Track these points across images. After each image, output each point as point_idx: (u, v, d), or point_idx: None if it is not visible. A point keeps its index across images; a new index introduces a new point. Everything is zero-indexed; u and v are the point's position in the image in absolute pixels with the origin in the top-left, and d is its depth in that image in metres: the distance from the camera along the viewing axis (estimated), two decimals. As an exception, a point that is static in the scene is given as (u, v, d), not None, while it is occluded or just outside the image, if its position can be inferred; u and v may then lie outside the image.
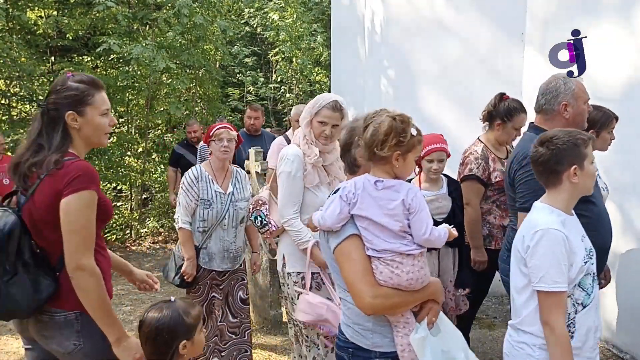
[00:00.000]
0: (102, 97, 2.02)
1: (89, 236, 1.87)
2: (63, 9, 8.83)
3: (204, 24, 8.66)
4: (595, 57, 3.98)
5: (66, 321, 1.92)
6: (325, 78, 11.97)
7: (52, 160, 1.86)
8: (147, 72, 8.67)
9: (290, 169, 2.73)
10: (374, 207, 1.74)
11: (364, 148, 1.78)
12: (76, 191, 1.83)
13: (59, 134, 1.92)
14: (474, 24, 4.79)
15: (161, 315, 1.79)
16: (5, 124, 8.26)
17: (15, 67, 7.84)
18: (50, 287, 1.89)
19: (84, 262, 1.84)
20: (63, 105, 1.93)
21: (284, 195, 2.76)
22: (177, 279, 3.33)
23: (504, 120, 3.33)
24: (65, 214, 1.83)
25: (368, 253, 1.75)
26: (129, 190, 10.10)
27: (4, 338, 4.36)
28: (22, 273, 1.87)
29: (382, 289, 1.72)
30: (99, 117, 1.99)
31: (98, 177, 1.91)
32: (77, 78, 1.98)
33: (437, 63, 5.00)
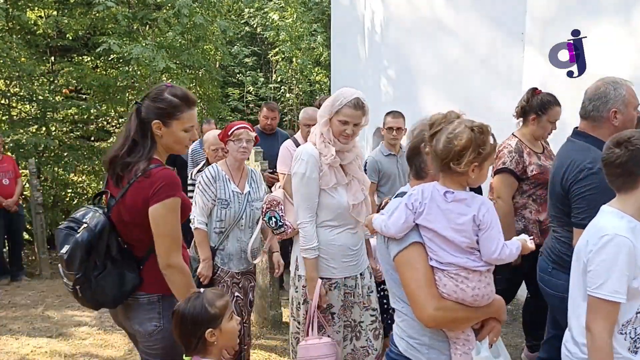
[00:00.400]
0: (191, 114, 2.11)
1: (177, 238, 2.06)
2: (63, 9, 8.83)
3: (203, 24, 8.67)
4: (595, 57, 3.98)
5: (149, 303, 2.11)
6: (325, 78, 11.97)
7: (140, 167, 2.03)
8: (147, 72, 8.66)
9: (304, 169, 2.60)
10: (441, 219, 1.63)
11: (435, 159, 1.64)
12: (162, 200, 2.00)
13: (149, 137, 2.08)
14: (473, 24, 4.79)
15: (187, 306, 1.91)
16: (5, 124, 8.26)
17: (15, 67, 7.84)
18: (135, 280, 2.08)
19: (173, 261, 2.03)
20: (153, 113, 2.06)
21: (298, 198, 2.65)
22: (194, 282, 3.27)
23: (539, 114, 3.28)
24: (154, 221, 2.01)
25: (432, 264, 1.65)
26: (129, 190, 10.10)
27: (4, 338, 4.36)
28: (111, 268, 2.06)
29: (445, 302, 1.63)
30: (181, 132, 2.09)
31: (180, 183, 2.07)
32: (173, 91, 2.09)
33: (437, 63, 5.01)
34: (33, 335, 4.41)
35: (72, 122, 9.39)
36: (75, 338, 4.36)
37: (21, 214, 6.53)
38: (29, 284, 6.13)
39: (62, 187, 8.89)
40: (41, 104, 8.52)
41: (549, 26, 4.25)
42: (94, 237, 2.02)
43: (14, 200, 6.21)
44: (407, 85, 5.21)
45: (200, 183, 3.21)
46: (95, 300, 2.10)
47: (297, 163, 2.63)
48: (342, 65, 6.85)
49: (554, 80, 4.18)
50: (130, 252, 2.12)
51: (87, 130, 9.78)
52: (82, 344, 4.23)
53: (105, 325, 4.66)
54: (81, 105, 8.60)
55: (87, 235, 2.01)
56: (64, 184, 8.94)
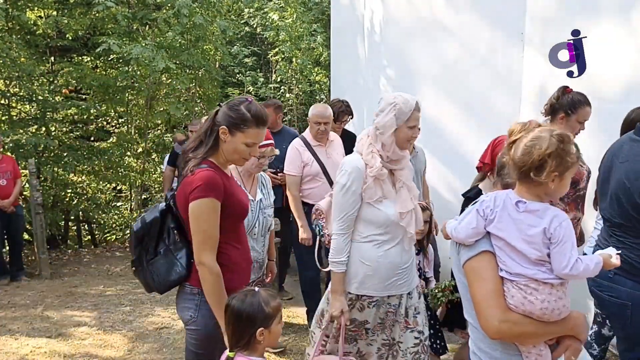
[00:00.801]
0: (257, 132, 2.21)
1: (210, 237, 2.14)
2: (63, 9, 8.83)
3: (203, 24, 8.66)
4: (595, 57, 3.98)
5: (190, 293, 2.25)
6: (325, 78, 11.95)
7: (191, 165, 2.18)
8: (146, 72, 8.66)
9: (345, 181, 2.50)
10: (511, 229, 1.58)
11: (513, 168, 1.60)
12: (196, 199, 2.11)
13: (213, 139, 2.21)
14: (473, 24, 4.78)
15: (244, 303, 1.96)
16: (4, 124, 8.25)
17: (15, 67, 7.83)
18: (182, 273, 2.23)
19: (204, 259, 2.13)
20: (224, 119, 2.19)
21: (334, 209, 2.58)
22: None
23: (568, 113, 3.18)
24: (190, 217, 2.14)
25: (501, 274, 1.60)
26: (129, 190, 10.10)
27: (3, 338, 4.36)
28: (162, 256, 2.26)
29: (512, 315, 1.58)
30: (242, 145, 2.20)
31: (219, 185, 2.15)
32: (248, 106, 2.20)
33: (437, 63, 5.00)
34: (32, 336, 4.41)
35: (71, 122, 9.39)
36: (74, 338, 4.36)
37: (20, 214, 6.50)
38: (28, 284, 6.13)
39: (61, 187, 8.88)
40: (41, 104, 8.51)
41: (548, 26, 4.24)
42: (145, 227, 2.26)
43: (10, 201, 6.18)
44: (407, 85, 5.21)
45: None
46: (146, 283, 2.33)
47: (341, 173, 2.55)
48: (341, 65, 6.85)
49: (553, 81, 4.17)
50: (186, 243, 2.24)
51: (87, 131, 9.77)
52: (81, 344, 4.23)
53: (104, 325, 4.66)
54: (81, 106, 8.59)
55: (140, 225, 2.28)
56: (64, 184, 8.94)
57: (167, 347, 4.16)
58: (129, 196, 10.23)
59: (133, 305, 5.28)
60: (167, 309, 5.15)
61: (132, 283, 6.28)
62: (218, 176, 2.17)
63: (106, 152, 9.05)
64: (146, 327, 4.61)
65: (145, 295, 5.65)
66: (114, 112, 9.84)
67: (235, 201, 2.22)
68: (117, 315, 4.93)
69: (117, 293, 5.77)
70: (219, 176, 2.17)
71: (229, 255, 2.23)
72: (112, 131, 10.08)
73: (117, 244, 9.10)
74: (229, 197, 2.18)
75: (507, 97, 4.51)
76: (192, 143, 2.26)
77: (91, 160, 8.84)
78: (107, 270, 7.21)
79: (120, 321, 4.78)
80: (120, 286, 6.10)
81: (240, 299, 1.97)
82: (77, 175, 9.32)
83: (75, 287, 6.03)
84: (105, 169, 9.21)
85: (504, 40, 4.61)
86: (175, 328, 4.57)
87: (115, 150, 9.20)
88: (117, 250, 8.61)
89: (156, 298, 5.55)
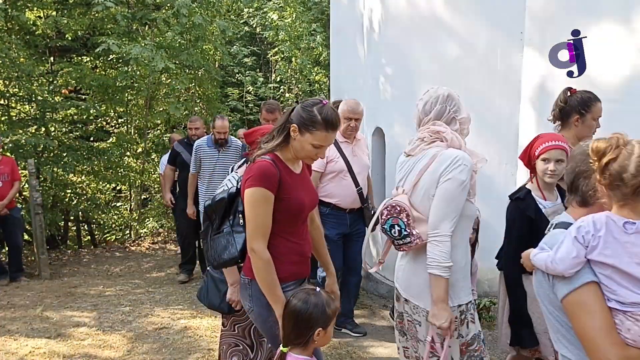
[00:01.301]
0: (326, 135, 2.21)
1: (260, 226, 2.19)
2: (62, 9, 8.83)
3: (203, 24, 8.67)
4: (595, 56, 3.98)
5: (244, 284, 2.35)
6: (325, 78, 11.96)
7: (255, 154, 2.26)
8: (146, 72, 8.67)
9: (465, 177, 2.29)
10: (621, 253, 1.45)
11: (620, 187, 1.46)
12: (248, 187, 2.18)
13: (283, 135, 2.26)
14: (472, 24, 4.78)
15: (307, 303, 1.99)
16: (4, 125, 8.25)
17: (14, 67, 7.83)
18: (233, 254, 2.33)
19: (254, 246, 2.18)
20: (296, 117, 2.23)
21: (447, 207, 2.29)
22: (224, 306, 2.86)
23: (582, 113, 3.03)
24: (244, 204, 2.23)
25: (610, 305, 1.46)
26: (128, 190, 10.10)
27: (2, 339, 4.35)
28: (224, 234, 2.38)
29: (631, 351, 1.43)
30: (309, 144, 2.22)
31: (273, 176, 2.18)
32: (321, 109, 2.20)
33: (436, 62, 4.99)
34: (32, 336, 4.40)
35: (71, 122, 9.39)
36: (74, 339, 4.36)
37: (17, 216, 6.46)
38: (27, 285, 6.12)
39: (61, 187, 8.88)
40: (40, 105, 8.51)
41: (548, 26, 4.24)
42: (213, 205, 2.41)
43: (3, 203, 6.14)
44: (406, 84, 5.20)
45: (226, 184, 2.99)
46: (208, 256, 2.47)
47: (458, 168, 2.28)
48: (341, 64, 6.84)
49: (553, 80, 4.18)
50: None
51: (87, 131, 9.77)
52: (80, 345, 4.23)
53: (104, 325, 4.65)
54: (80, 106, 8.59)
55: (210, 202, 2.43)
56: (63, 184, 8.94)
57: (167, 348, 4.16)
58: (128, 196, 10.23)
59: (132, 305, 5.28)
60: (167, 309, 5.15)
61: (131, 283, 6.28)
62: (275, 169, 2.20)
63: (106, 152, 9.05)
64: (145, 328, 4.60)
65: (145, 296, 5.65)
66: (114, 112, 9.84)
67: (290, 197, 2.24)
68: (116, 316, 4.93)
69: (117, 293, 5.77)
70: (275, 169, 2.20)
71: (277, 247, 2.25)
72: (111, 131, 10.08)
73: (117, 244, 9.10)
74: (285, 192, 2.21)
75: (507, 96, 4.50)
76: (268, 135, 2.31)
77: (91, 160, 8.84)
78: (106, 270, 7.21)
79: (120, 321, 4.77)
80: (119, 286, 6.10)
81: (303, 299, 2.00)
82: (76, 176, 9.32)
83: (74, 287, 6.02)
84: (105, 169, 9.21)
85: (504, 40, 4.61)
86: (174, 328, 4.57)
87: (114, 151, 9.21)
88: (117, 250, 8.61)
89: (156, 298, 5.55)
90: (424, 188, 2.35)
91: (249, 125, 12.35)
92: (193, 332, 4.49)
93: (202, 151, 5.38)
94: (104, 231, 10.25)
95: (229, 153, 5.41)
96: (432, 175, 2.32)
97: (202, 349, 4.12)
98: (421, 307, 2.36)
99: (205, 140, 5.44)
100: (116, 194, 10.84)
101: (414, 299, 2.39)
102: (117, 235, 9.73)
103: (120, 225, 9.91)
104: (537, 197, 2.66)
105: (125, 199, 10.41)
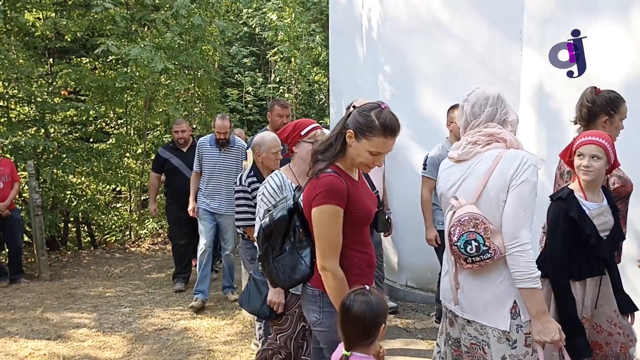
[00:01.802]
0: (383, 142, 2.11)
1: (332, 244, 2.12)
2: (61, 10, 8.82)
3: (202, 24, 8.66)
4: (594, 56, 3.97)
5: (312, 295, 2.26)
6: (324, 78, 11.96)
7: (317, 168, 2.16)
8: (145, 73, 8.67)
9: (536, 179, 2.11)
10: None
11: None
12: (318, 205, 2.10)
13: (341, 143, 2.16)
14: (471, 23, 4.78)
15: (369, 303, 1.95)
16: (3, 126, 8.25)
17: (14, 69, 7.82)
18: (305, 271, 2.24)
19: (326, 265, 2.12)
20: (352, 122, 2.13)
21: (523, 212, 2.08)
22: (265, 309, 2.81)
23: (611, 114, 2.86)
24: (313, 222, 2.14)
25: None
26: (128, 191, 10.10)
27: (2, 341, 4.35)
28: (287, 254, 2.28)
29: None
30: (366, 151, 2.12)
31: (342, 191, 2.10)
32: (379, 113, 2.11)
33: (435, 62, 4.99)
34: (32, 338, 4.40)
35: (70, 123, 9.38)
36: (74, 340, 4.36)
37: (17, 218, 6.47)
38: (27, 286, 6.12)
39: (61, 188, 8.88)
40: (40, 106, 8.51)
41: (547, 25, 4.24)
42: (272, 224, 2.29)
43: (5, 204, 6.16)
44: (405, 84, 5.20)
45: (264, 194, 2.79)
46: (271, 278, 2.36)
47: (529, 170, 2.08)
48: (340, 64, 6.84)
49: (552, 80, 4.17)
50: (311, 243, 2.24)
51: (86, 132, 9.76)
52: (80, 346, 4.23)
53: (104, 327, 4.65)
54: (80, 107, 8.59)
55: (268, 222, 2.31)
56: (63, 185, 8.93)
57: (167, 349, 4.16)
58: (128, 197, 10.23)
59: (132, 306, 5.28)
60: (167, 310, 5.15)
61: (131, 284, 6.28)
62: (342, 182, 2.12)
63: (105, 153, 9.04)
64: (146, 329, 4.60)
65: (145, 297, 5.65)
66: (113, 114, 9.84)
67: (359, 207, 2.16)
68: (116, 317, 4.93)
69: (117, 294, 5.77)
70: (342, 182, 2.12)
71: (350, 259, 2.19)
72: (111, 132, 10.07)
73: (117, 246, 9.10)
74: (352, 203, 2.14)
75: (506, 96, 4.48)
76: (320, 145, 2.22)
77: (90, 161, 8.84)
78: (106, 271, 7.21)
79: (120, 323, 4.78)
80: (119, 287, 6.10)
81: (365, 302, 1.96)
82: (76, 177, 9.31)
83: (74, 288, 6.02)
84: (105, 170, 9.21)
85: (503, 39, 4.61)
86: (174, 329, 4.57)
87: (114, 152, 9.20)
88: (117, 251, 8.61)
89: (156, 299, 5.55)
90: (492, 194, 2.12)
91: (249, 125, 12.36)
92: (193, 333, 4.49)
93: (204, 149, 5.28)
94: (104, 232, 10.24)
95: (231, 153, 5.26)
96: (500, 179, 2.10)
97: (202, 349, 4.12)
98: (490, 326, 2.15)
99: (208, 138, 5.35)
100: (116, 195, 10.84)
101: (480, 319, 2.18)
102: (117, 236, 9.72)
103: (120, 227, 9.90)
104: (579, 198, 2.49)
105: (125, 200, 10.40)
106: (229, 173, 5.18)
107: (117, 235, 9.76)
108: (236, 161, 5.24)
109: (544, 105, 4.28)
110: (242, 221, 3.52)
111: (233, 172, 5.12)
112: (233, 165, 5.23)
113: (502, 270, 2.13)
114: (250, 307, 2.90)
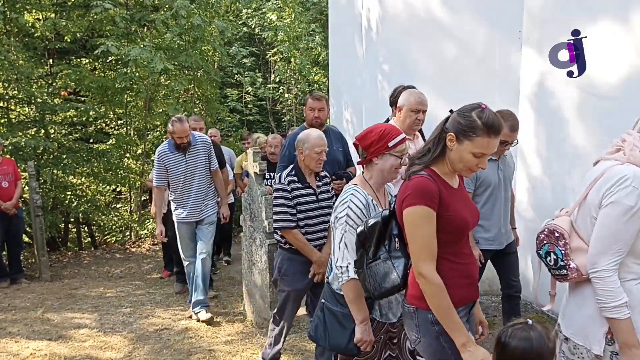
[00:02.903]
0: (488, 142, 2.01)
1: (426, 247, 2.02)
2: (61, 11, 8.83)
3: (201, 25, 8.67)
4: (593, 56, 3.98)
5: (408, 313, 2.15)
6: (324, 78, 11.96)
7: (411, 170, 2.09)
8: (145, 74, 8.67)
9: (634, 203, 1.87)
10: None
11: None
12: (407, 206, 2.02)
13: (440, 146, 2.08)
14: (470, 23, 4.79)
15: (529, 339, 1.76)
16: (3, 127, 8.25)
17: (13, 69, 7.84)
18: (395, 281, 2.17)
19: (422, 270, 2.01)
20: (452, 125, 2.07)
21: (608, 236, 1.92)
22: (352, 348, 2.49)
23: None
24: (405, 225, 2.07)
25: None
26: (128, 192, 10.10)
27: (3, 341, 4.36)
28: (381, 261, 2.21)
29: None
30: (469, 154, 2.03)
31: (433, 192, 2.01)
32: (480, 113, 2.04)
33: (434, 62, 5.00)
34: (32, 338, 4.41)
35: (70, 124, 9.40)
36: (74, 340, 4.36)
37: (20, 216, 6.51)
38: (28, 287, 6.13)
39: (61, 189, 8.89)
40: (40, 107, 8.52)
41: (546, 25, 4.25)
42: (367, 231, 2.24)
43: (12, 203, 6.22)
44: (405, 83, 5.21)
45: (350, 217, 2.40)
46: (365, 286, 2.28)
47: (625, 190, 1.88)
48: (340, 65, 6.85)
49: (552, 80, 4.18)
50: (406, 254, 2.16)
51: (86, 133, 9.78)
52: (81, 347, 4.23)
53: (105, 327, 4.66)
54: (80, 108, 8.60)
55: (362, 228, 2.26)
56: (63, 186, 8.94)
57: (168, 349, 4.16)
58: (128, 198, 10.23)
59: (133, 306, 5.28)
60: (168, 310, 5.15)
61: (132, 285, 6.29)
62: (433, 184, 2.02)
63: (105, 153, 9.05)
64: (146, 329, 4.61)
65: (146, 297, 5.65)
66: (113, 114, 9.84)
67: (453, 215, 2.04)
68: (117, 317, 4.93)
69: (117, 295, 5.77)
70: (434, 184, 2.03)
71: (442, 270, 2.03)
72: (111, 133, 10.08)
73: (117, 246, 9.10)
74: (445, 209, 2.03)
75: (505, 95, 4.51)
76: (419, 150, 2.15)
77: (90, 162, 8.85)
78: (107, 272, 7.22)
79: (121, 323, 4.78)
80: (120, 288, 6.11)
81: (523, 337, 1.75)
82: (76, 178, 9.32)
83: (75, 289, 6.03)
84: (105, 170, 9.21)
85: (502, 39, 4.62)
86: (175, 329, 4.57)
87: (114, 152, 9.21)
88: (117, 252, 8.62)
89: (156, 299, 5.55)
90: (587, 210, 2.00)
91: (249, 126, 12.36)
92: (194, 333, 4.50)
93: (167, 159, 4.71)
94: (104, 233, 10.25)
95: (196, 152, 4.78)
96: (596, 195, 1.96)
97: (202, 349, 4.12)
98: (581, 344, 2.02)
99: (166, 145, 4.77)
100: (116, 195, 10.84)
101: (574, 337, 2.05)
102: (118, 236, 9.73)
103: (120, 227, 9.91)
104: None
105: (125, 201, 10.41)
106: (199, 173, 4.79)
107: (118, 235, 9.77)
108: (203, 158, 4.82)
109: (543, 105, 4.29)
110: (281, 222, 3.21)
111: (203, 170, 4.80)
112: (201, 163, 4.80)
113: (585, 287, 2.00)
114: (331, 345, 2.57)
